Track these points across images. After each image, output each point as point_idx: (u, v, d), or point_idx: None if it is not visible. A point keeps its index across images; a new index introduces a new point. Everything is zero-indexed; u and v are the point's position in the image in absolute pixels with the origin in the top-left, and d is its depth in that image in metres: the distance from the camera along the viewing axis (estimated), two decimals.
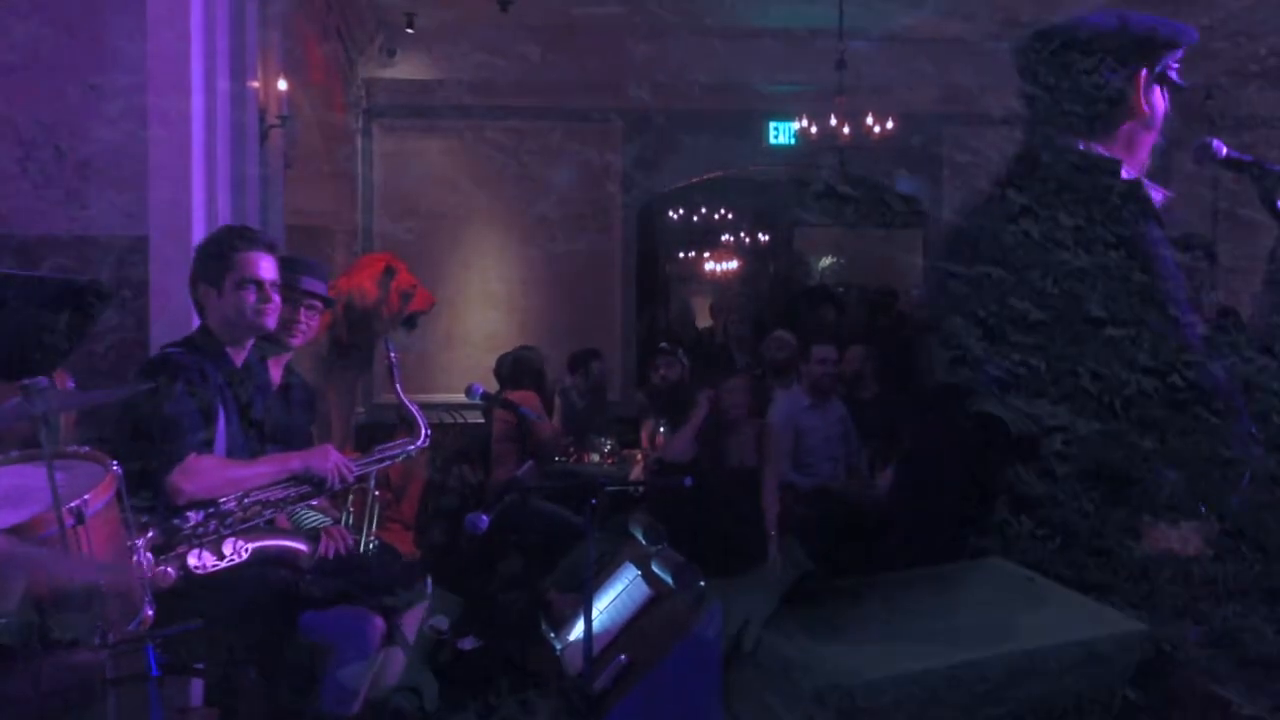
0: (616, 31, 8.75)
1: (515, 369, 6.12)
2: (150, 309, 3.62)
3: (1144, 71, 1.88)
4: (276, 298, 2.98)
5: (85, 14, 3.62)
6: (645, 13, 8.47)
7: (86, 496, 2.24)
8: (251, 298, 2.92)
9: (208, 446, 2.86)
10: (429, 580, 3.28)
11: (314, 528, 3.21)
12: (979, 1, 8.51)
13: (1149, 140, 1.93)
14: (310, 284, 3.34)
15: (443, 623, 4.40)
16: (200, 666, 2.97)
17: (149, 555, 2.53)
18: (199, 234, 3.62)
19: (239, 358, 3.01)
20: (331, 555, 3.07)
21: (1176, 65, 1.94)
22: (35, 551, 2.11)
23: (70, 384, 3.05)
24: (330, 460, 2.99)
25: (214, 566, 2.76)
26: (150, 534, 2.64)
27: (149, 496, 2.70)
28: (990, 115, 9.95)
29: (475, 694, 3.99)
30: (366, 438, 3.45)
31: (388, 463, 3.24)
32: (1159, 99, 1.93)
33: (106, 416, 2.95)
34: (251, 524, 2.87)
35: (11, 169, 3.61)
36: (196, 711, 3.50)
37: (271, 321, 2.98)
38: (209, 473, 2.80)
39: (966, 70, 9.35)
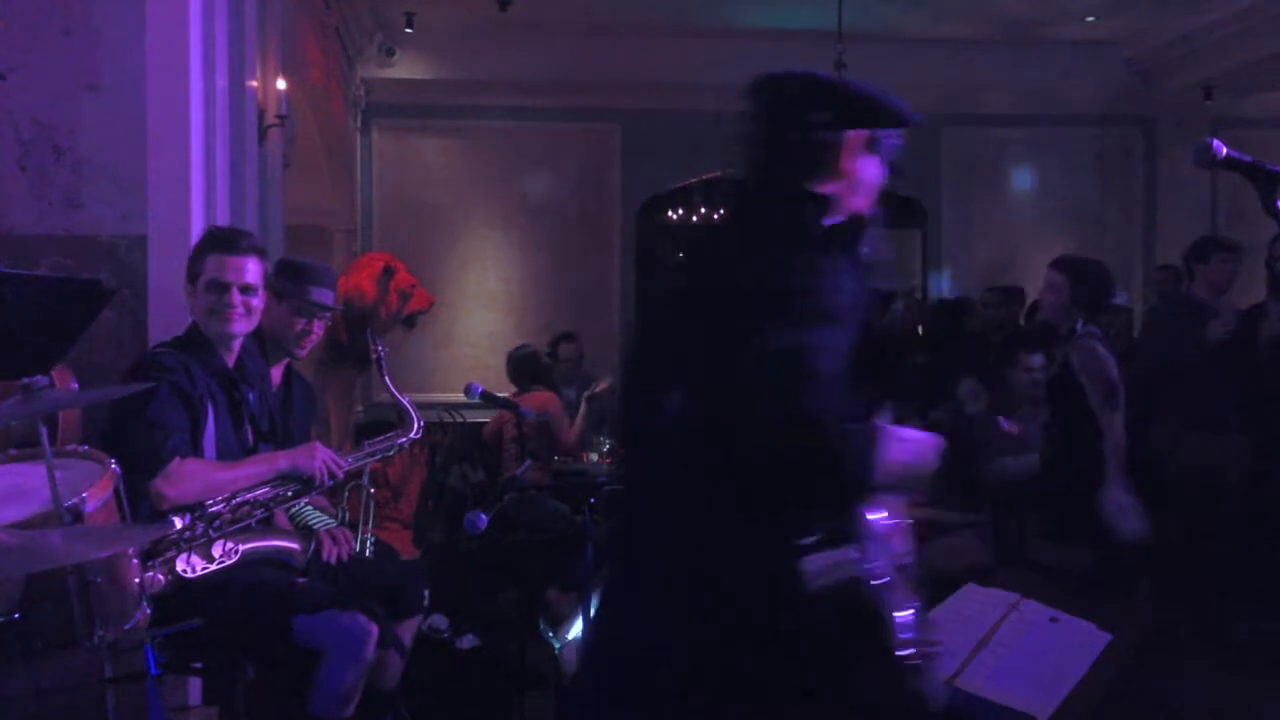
0: (616, 31, 8.74)
1: (519, 369, 6.08)
2: (149, 309, 3.62)
3: (853, 135, 1.97)
4: (246, 301, 2.94)
5: (85, 14, 3.62)
6: (645, 13, 8.47)
7: (84, 495, 2.24)
8: (212, 300, 2.91)
9: (194, 448, 2.84)
10: (426, 593, 3.26)
11: (309, 526, 3.20)
12: (978, 2, 8.50)
13: (855, 203, 2.01)
14: (320, 295, 3.30)
15: (442, 622, 4.40)
16: (199, 666, 2.97)
17: (136, 561, 2.51)
18: (198, 234, 3.61)
19: (229, 357, 3.00)
20: (334, 560, 3.06)
21: (894, 144, 2.04)
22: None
23: (74, 384, 3.05)
24: (317, 458, 2.97)
25: (203, 570, 2.74)
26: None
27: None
28: (990, 115, 9.97)
29: (474, 693, 3.99)
30: (366, 437, 3.44)
31: (379, 456, 3.22)
32: (869, 168, 2.01)
33: (103, 416, 2.95)
34: (242, 525, 2.84)
35: (11, 169, 3.61)
36: (195, 711, 3.50)
37: (236, 327, 2.94)
38: (193, 477, 2.77)
39: (966, 70, 9.35)
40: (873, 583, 1.80)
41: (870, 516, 1.85)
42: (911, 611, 1.85)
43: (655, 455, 1.95)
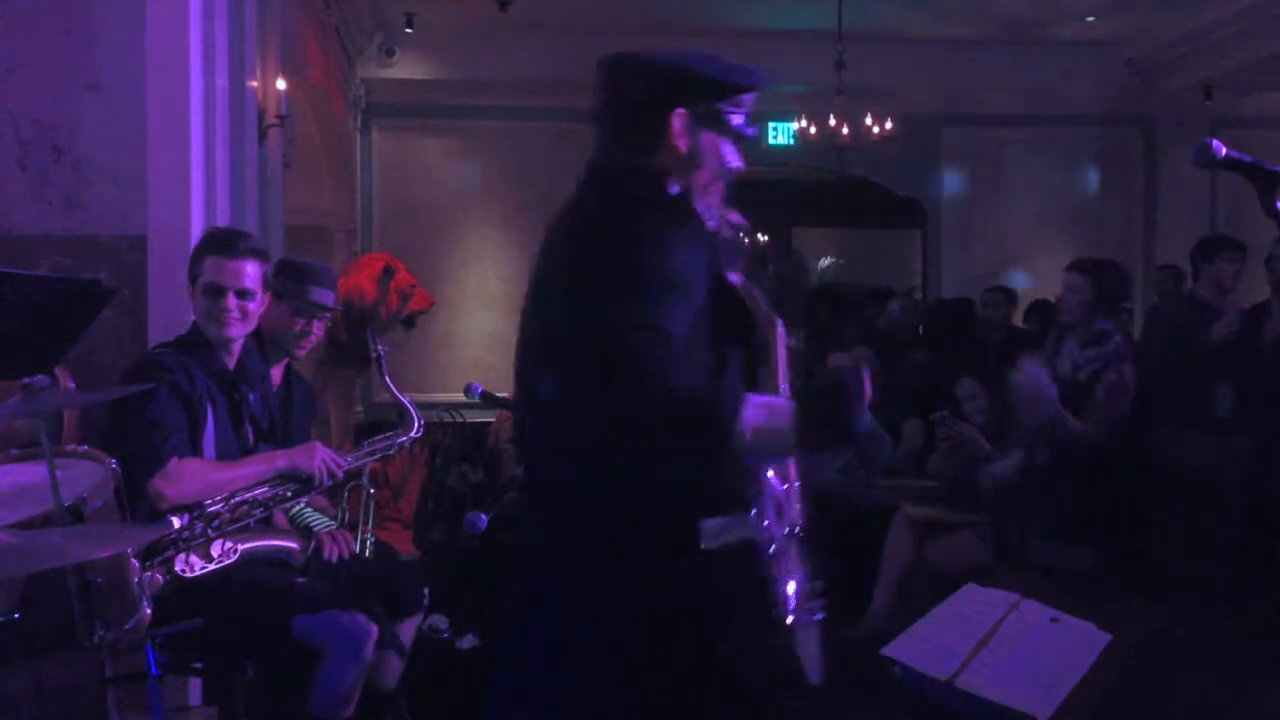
0: (616, 32, 8.74)
1: None
2: (149, 309, 3.62)
3: (679, 110, 1.95)
4: (243, 305, 2.93)
5: (85, 14, 3.62)
6: (645, 13, 8.47)
7: (84, 494, 2.24)
8: (208, 303, 2.91)
9: (194, 448, 2.84)
10: (427, 592, 3.26)
11: (309, 527, 3.19)
12: (978, 2, 8.51)
13: (700, 178, 2.00)
14: (320, 295, 3.29)
15: (442, 622, 4.39)
16: (199, 666, 2.96)
17: (135, 561, 2.50)
18: (198, 234, 3.61)
19: (230, 358, 3.00)
20: (335, 560, 3.06)
21: (737, 111, 2.00)
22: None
23: (70, 384, 3.05)
24: (317, 457, 2.96)
25: (202, 570, 2.74)
26: None
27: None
28: (990, 115, 9.98)
29: (474, 693, 3.99)
30: (365, 437, 3.45)
31: (379, 455, 3.22)
32: (707, 142, 1.98)
33: (103, 416, 2.95)
34: (241, 524, 2.84)
35: (11, 169, 3.61)
36: (195, 711, 3.50)
37: (232, 331, 2.94)
38: (191, 477, 2.77)
39: (966, 70, 9.36)
40: (763, 546, 1.84)
41: (766, 479, 1.88)
42: (797, 578, 1.89)
43: (541, 443, 1.98)
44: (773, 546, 1.84)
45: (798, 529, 1.93)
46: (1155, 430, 4.83)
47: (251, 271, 2.94)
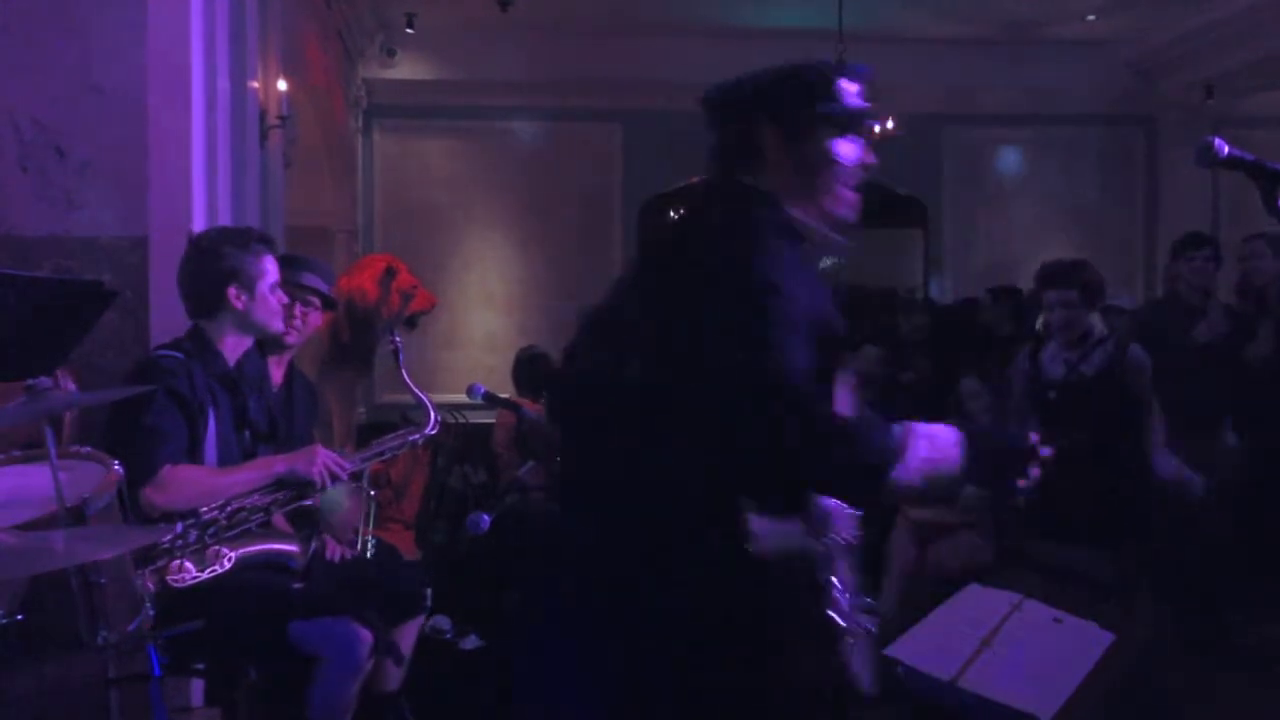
0: (616, 31, 8.75)
1: (528, 371, 6.07)
2: (151, 310, 3.62)
3: (771, 126, 1.91)
4: (283, 299, 3.00)
5: (85, 14, 3.62)
6: (646, 13, 8.47)
7: (87, 496, 2.24)
8: (279, 302, 2.98)
9: (194, 452, 2.82)
10: (429, 594, 3.25)
11: (309, 531, 3.18)
12: (978, 2, 8.51)
13: (815, 187, 1.94)
14: (311, 280, 3.33)
15: (444, 623, 4.40)
16: (201, 667, 2.96)
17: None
18: None
19: (232, 358, 3.00)
20: (337, 559, 3.05)
21: (838, 104, 1.92)
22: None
23: (71, 385, 3.05)
24: (318, 461, 2.92)
25: (194, 579, 2.71)
26: None
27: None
28: (990, 115, 9.97)
29: (477, 694, 3.99)
30: (368, 438, 3.44)
31: (388, 455, 3.20)
32: (818, 147, 1.91)
33: (103, 418, 2.95)
34: (239, 530, 2.81)
35: (12, 170, 3.61)
36: (198, 712, 3.50)
37: (281, 324, 3.02)
38: (185, 484, 2.74)
39: (966, 70, 9.36)
40: (818, 554, 1.77)
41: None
42: (849, 592, 1.83)
43: (616, 427, 1.87)
44: (823, 556, 1.78)
45: (849, 539, 1.85)
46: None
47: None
